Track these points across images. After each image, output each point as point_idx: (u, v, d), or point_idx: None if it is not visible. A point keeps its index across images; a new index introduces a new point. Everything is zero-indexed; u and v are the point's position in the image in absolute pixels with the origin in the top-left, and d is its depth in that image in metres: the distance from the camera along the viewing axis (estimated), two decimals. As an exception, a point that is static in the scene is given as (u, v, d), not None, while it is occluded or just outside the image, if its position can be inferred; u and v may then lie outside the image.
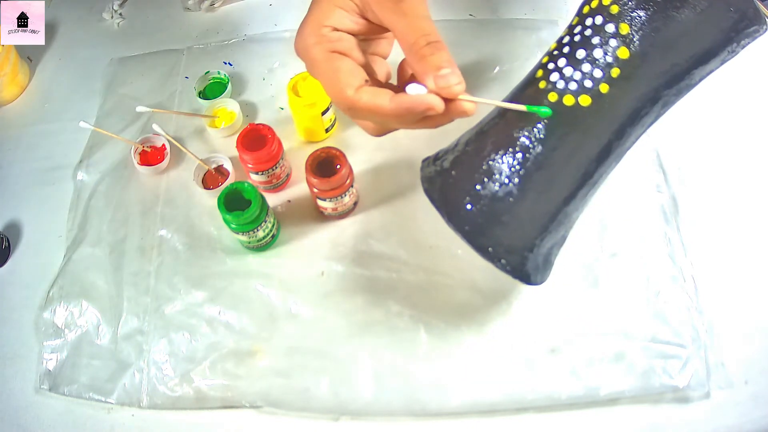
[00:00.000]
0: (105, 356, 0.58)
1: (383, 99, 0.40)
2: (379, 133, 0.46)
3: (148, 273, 0.62)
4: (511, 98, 0.49)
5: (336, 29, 0.42)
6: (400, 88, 0.41)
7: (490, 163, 0.46)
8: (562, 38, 0.48)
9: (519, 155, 0.45)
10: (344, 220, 0.63)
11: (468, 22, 0.76)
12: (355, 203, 0.63)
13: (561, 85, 0.45)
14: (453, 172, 0.47)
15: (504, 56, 0.71)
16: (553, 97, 0.45)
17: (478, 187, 0.46)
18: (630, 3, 0.44)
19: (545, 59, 0.48)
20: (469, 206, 0.46)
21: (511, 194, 0.45)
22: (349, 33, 0.43)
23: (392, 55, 0.48)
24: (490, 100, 0.45)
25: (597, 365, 0.54)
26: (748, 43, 0.45)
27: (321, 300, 0.59)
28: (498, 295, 0.57)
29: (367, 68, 0.44)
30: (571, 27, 0.48)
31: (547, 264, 0.49)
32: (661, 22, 0.44)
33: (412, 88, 0.39)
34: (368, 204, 0.64)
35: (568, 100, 0.45)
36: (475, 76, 0.70)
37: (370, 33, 0.45)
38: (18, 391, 0.58)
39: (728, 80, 0.57)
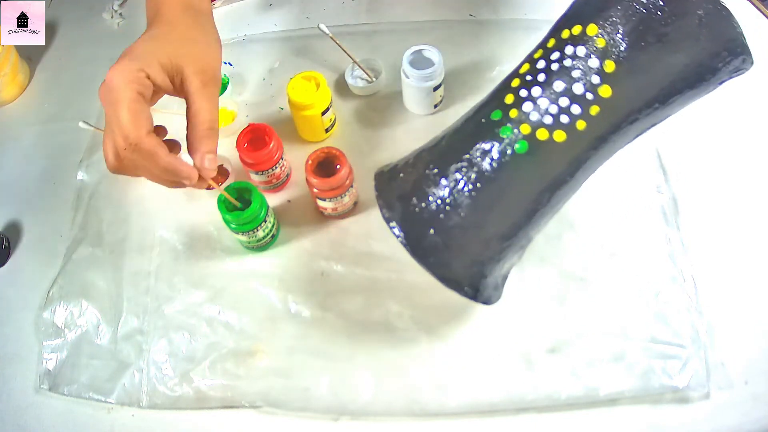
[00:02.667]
0: (105, 356, 0.58)
1: (163, 150, 0.46)
2: (118, 169, 0.48)
3: (148, 273, 0.62)
4: (478, 113, 0.47)
5: (149, 78, 0.46)
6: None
7: (454, 194, 0.44)
8: (535, 60, 0.45)
9: (486, 184, 0.44)
10: (344, 220, 0.63)
11: (468, 22, 0.76)
12: (355, 203, 0.63)
13: (535, 117, 0.43)
14: (414, 200, 0.45)
15: (504, 56, 0.71)
16: (525, 129, 0.43)
17: (441, 216, 0.44)
18: (619, 39, 0.42)
19: (515, 82, 0.45)
20: (432, 232, 0.44)
21: (476, 224, 0.44)
22: (155, 86, 0.47)
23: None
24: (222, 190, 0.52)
25: (597, 365, 0.54)
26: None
27: (321, 300, 0.59)
28: (498, 295, 0.57)
29: None
30: (547, 50, 0.45)
31: (503, 281, 0.49)
32: (650, 63, 0.42)
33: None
34: (368, 204, 0.64)
35: (542, 135, 0.43)
36: (475, 76, 0.70)
37: (165, 93, 0.50)
38: (18, 391, 0.58)
39: (728, 81, 0.57)
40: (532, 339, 0.55)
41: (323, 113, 0.65)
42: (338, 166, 0.58)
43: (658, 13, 0.41)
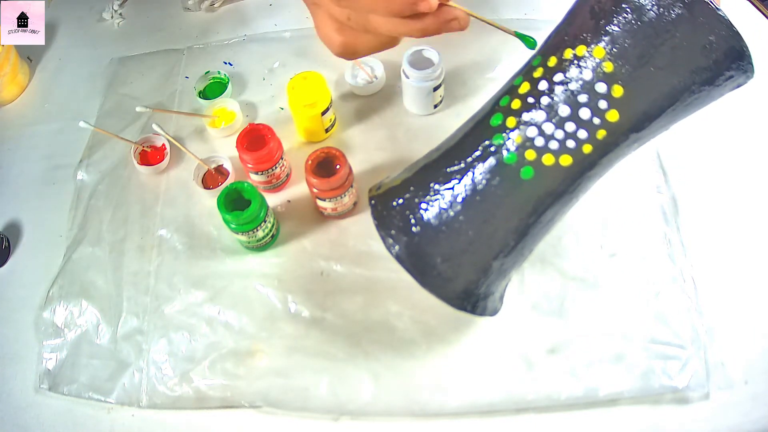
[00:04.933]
0: (104, 356, 0.58)
1: None
2: (347, 46, 0.42)
3: (147, 273, 0.62)
4: (479, 134, 0.45)
5: None
6: None
7: (459, 222, 0.43)
8: (536, 80, 0.43)
9: (491, 210, 0.43)
10: (344, 220, 0.63)
11: (468, 22, 0.76)
12: (355, 203, 0.63)
13: (540, 142, 0.42)
14: (417, 228, 0.44)
15: (504, 56, 0.71)
16: (530, 155, 0.42)
17: (448, 244, 0.44)
18: (628, 63, 0.40)
19: (516, 104, 0.44)
20: (439, 261, 0.44)
21: (483, 250, 0.44)
22: None
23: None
24: (481, 16, 0.41)
25: (596, 366, 0.54)
26: None
27: (321, 300, 0.59)
28: (498, 296, 0.57)
29: None
30: (549, 69, 0.43)
31: (505, 289, 0.50)
32: (658, 87, 0.41)
33: None
34: (368, 204, 0.64)
35: (548, 160, 0.42)
36: (475, 76, 0.70)
37: None
38: (18, 391, 0.58)
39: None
40: (532, 339, 0.55)
41: (323, 113, 0.65)
42: (338, 166, 0.58)
43: (671, 37, 0.40)
